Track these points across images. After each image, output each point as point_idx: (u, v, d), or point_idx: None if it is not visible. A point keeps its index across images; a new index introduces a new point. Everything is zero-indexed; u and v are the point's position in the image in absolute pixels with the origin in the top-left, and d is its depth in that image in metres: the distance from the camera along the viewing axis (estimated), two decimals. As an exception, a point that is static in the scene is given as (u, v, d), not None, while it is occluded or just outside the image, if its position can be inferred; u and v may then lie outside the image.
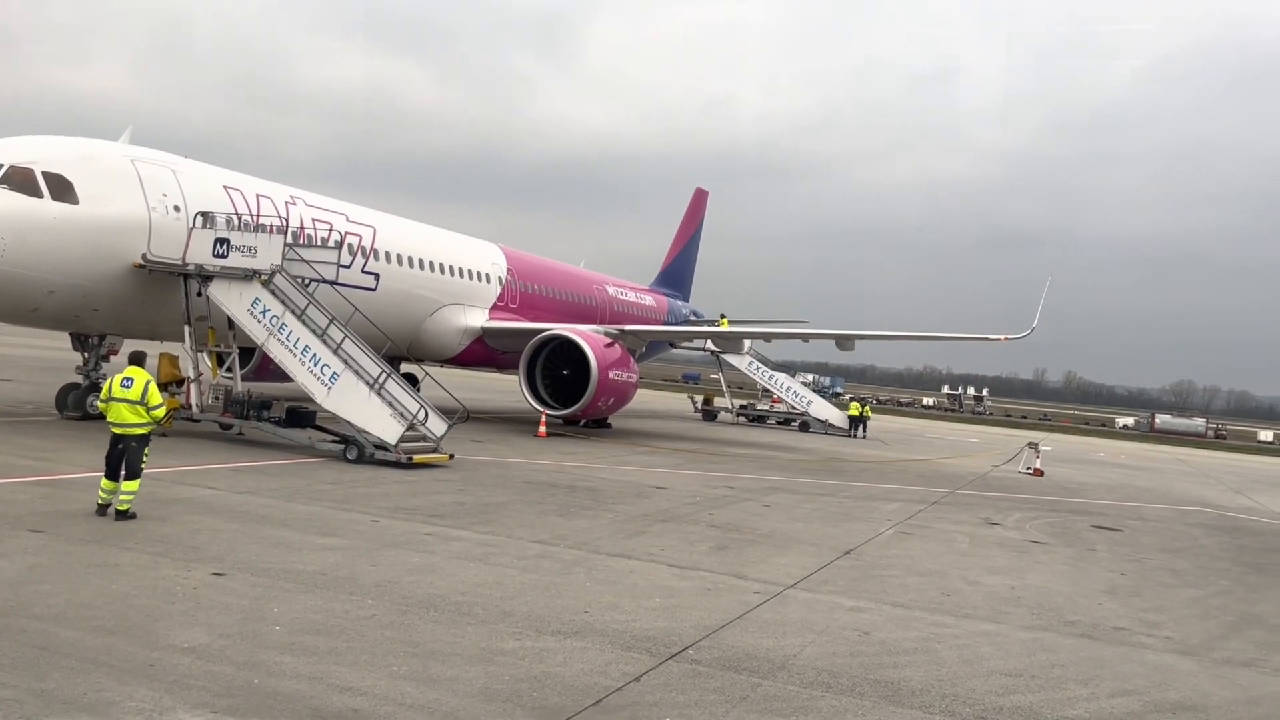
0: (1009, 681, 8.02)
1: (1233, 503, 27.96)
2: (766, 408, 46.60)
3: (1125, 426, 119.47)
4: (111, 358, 21.04)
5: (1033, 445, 32.85)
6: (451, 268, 28.34)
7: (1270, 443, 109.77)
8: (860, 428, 44.09)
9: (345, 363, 17.59)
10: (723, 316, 44.11)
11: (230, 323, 18.74)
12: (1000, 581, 12.12)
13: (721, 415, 45.49)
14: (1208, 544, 18.06)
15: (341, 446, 17.55)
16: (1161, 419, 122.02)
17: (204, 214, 19.30)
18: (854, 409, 44.91)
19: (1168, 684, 8.46)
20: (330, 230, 23.97)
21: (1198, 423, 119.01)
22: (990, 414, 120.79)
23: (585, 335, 26.94)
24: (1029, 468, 30.73)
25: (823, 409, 44.45)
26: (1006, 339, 29.81)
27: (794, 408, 44.32)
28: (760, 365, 43.62)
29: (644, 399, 54.46)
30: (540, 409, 26.74)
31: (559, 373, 27.23)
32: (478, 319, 29.04)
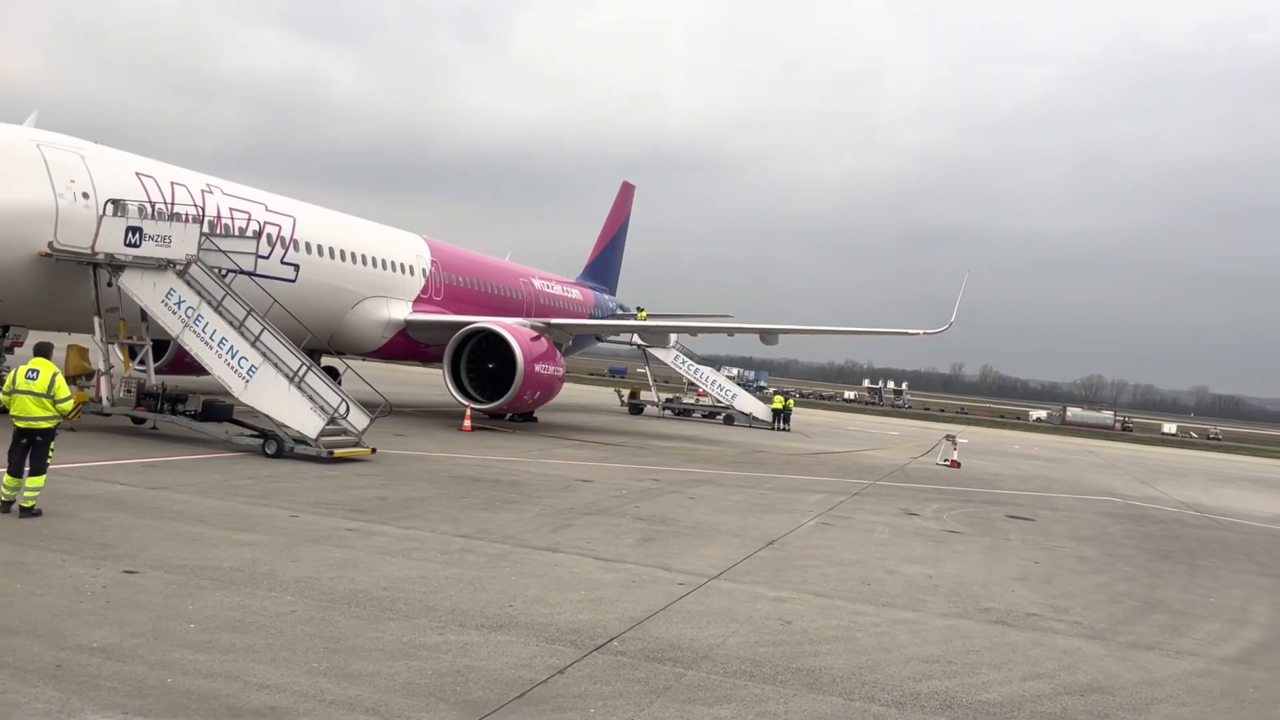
0: (926, 668, 8.15)
1: (1138, 492, 28.58)
2: (692, 401, 46.77)
3: (1038, 419, 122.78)
4: (16, 349, 20.46)
5: (950, 438, 33.38)
6: (374, 259, 27.99)
7: (1173, 435, 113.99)
8: (783, 420, 44.53)
9: (264, 355, 17.25)
10: (640, 310, 44.31)
11: (143, 314, 18.24)
12: (918, 570, 12.31)
13: (648, 409, 45.49)
14: (1114, 532, 18.42)
15: (260, 441, 17.25)
16: (1072, 412, 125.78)
17: (115, 201, 18.70)
18: (778, 402, 45.32)
19: (1077, 667, 8.65)
20: (248, 220, 23.38)
21: (1106, 416, 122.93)
22: (909, 407, 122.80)
23: (511, 328, 26.75)
24: (946, 459, 31.17)
25: (747, 402, 44.64)
26: (925, 334, 30.28)
27: (719, 401, 44.49)
28: (686, 359, 43.76)
29: (570, 393, 53.84)
30: (465, 403, 26.50)
31: (484, 366, 27.00)
32: (401, 311, 28.67)
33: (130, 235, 17.89)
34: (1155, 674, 8.76)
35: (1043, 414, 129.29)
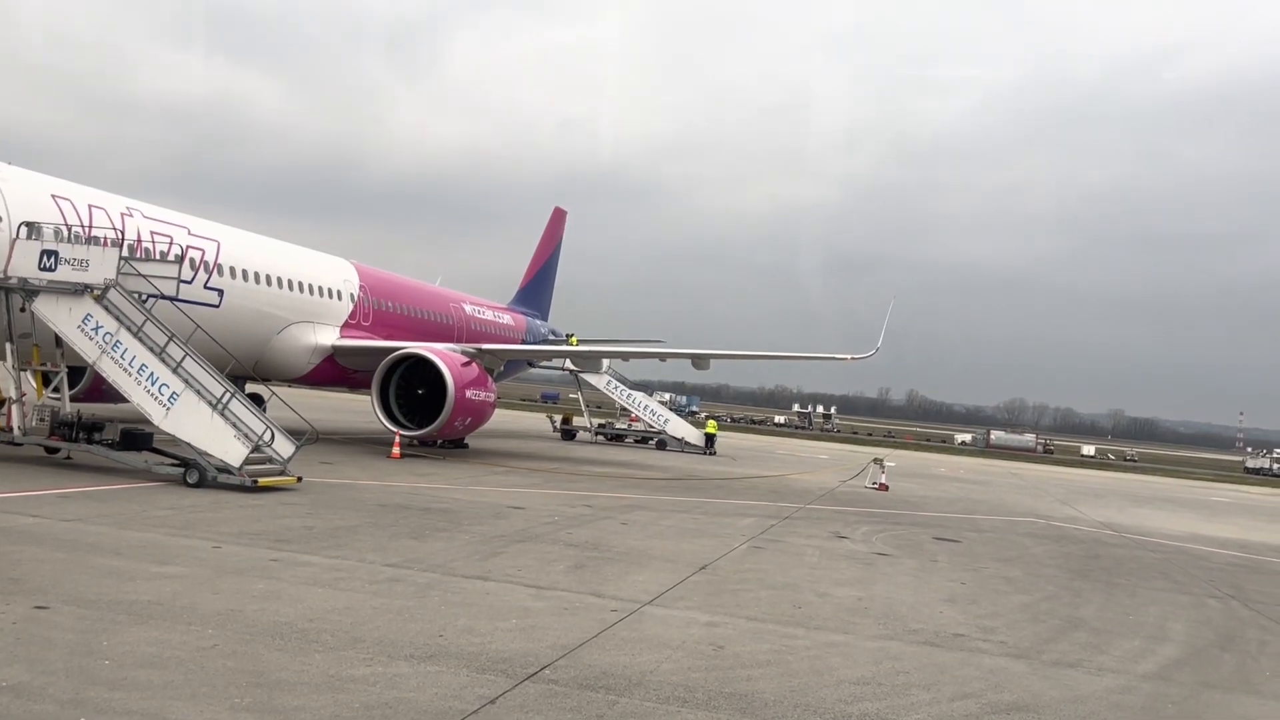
0: (857, 690, 8.21)
1: (1059, 513, 28.97)
2: (625, 426, 46.77)
3: (963, 443, 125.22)
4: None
5: (878, 461, 33.72)
6: (301, 284, 27.66)
7: (1092, 456, 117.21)
8: (711, 445, 44.79)
9: (186, 382, 16.89)
10: (571, 336, 44.42)
11: (58, 340, 17.73)
12: (849, 593, 12.37)
13: (580, 434, 45.46)
14: (1037, 552, 18.68)
15: (181, 470, 16.85)
16: (996, 435, 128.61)
17: (29, 224, 18.15)
18: (711, 426, 45.66)
19: (1003, 686, 8.78)
20: (170, 244, 22.94)
21: (1028, 439, 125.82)
22: (838, 431, 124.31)
23: (441, 354, 26.56)
24: (875, 483, 31.42)
25: (679, 427, 44.89)
26: (853, 359, 30.62)
27: (651, 426, 44.68)
28: (619, 384, 43.96)
29: (502, 419, 54.27)
30: (394, 429, 26.27)
31: (414, 392, 26.79)
32: (328, 337, 28.42)
33: (45, 259, 17.34)
34: (1079, 691, 8.87)
35: (968, 437, 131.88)
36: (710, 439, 44.73)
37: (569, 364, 40.77)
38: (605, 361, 41.27)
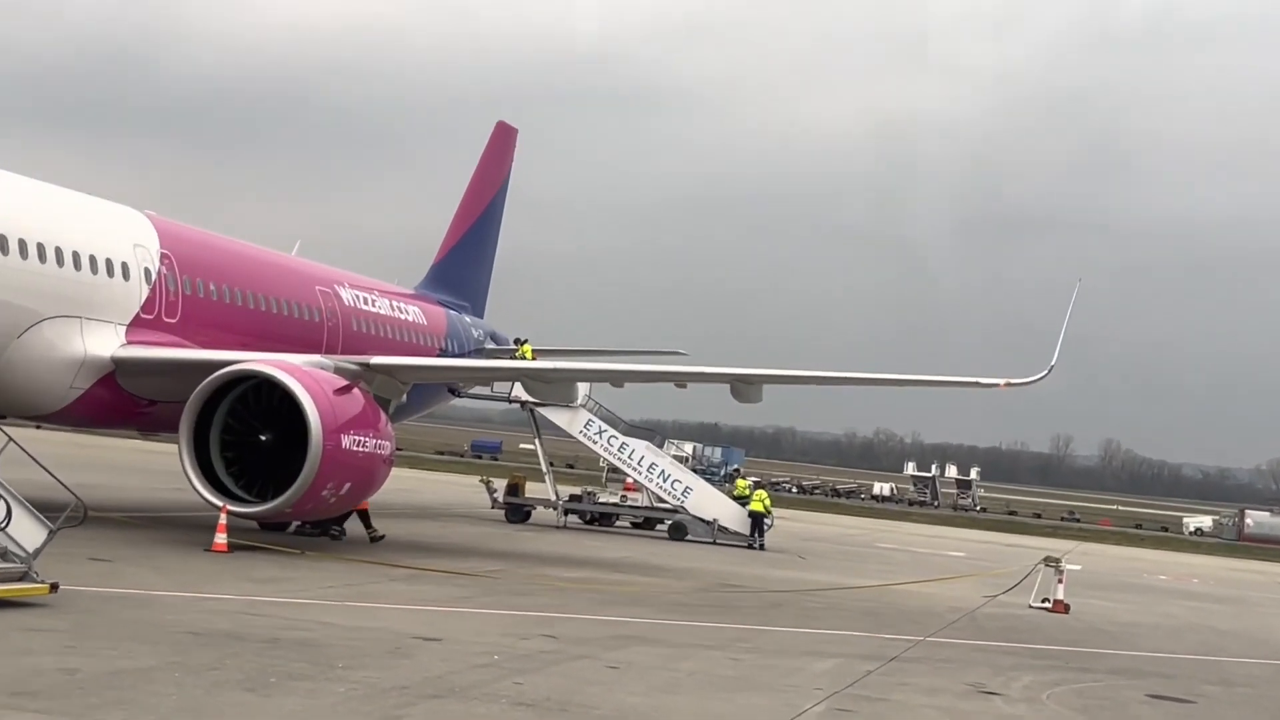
0: None
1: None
2: (615, 499, 47.31)
3: (1198, 530, 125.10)
4: None
5: (1051, 562, 33.74)
6: (59, 251, 27.97)
7: None
8: (760, 531, 45.04)
9: None
10: (521, 342, 44.68)
11: None
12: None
13: (539, 511, 45.91)
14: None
15: None
16: (1255, 519, 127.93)
17: None
18: (759, 501, 45.52)
19: None
20: None
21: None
22: (983, 509, 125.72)
23: (299, 372, 26.89)
24: (1046, 599, 31.67)
25: (709, 501, 45.11)
26: (1009, 385, 30.78)
27: (660, 499, 45.01)
28: (604, 428, 44.10)
29: (405, 483, 54.07)
30: (218, 503, 26.55)
31: (253, 439, 27.18)
32: (106, 342, 28.60)
33: None
34: None
35: (1205, 522, 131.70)
36: (758, 520, 44.77)
37: (519, 390, 41.13)
38: (582, 388, 41.42)
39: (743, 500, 46.09)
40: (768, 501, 46.51)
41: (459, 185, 49.75)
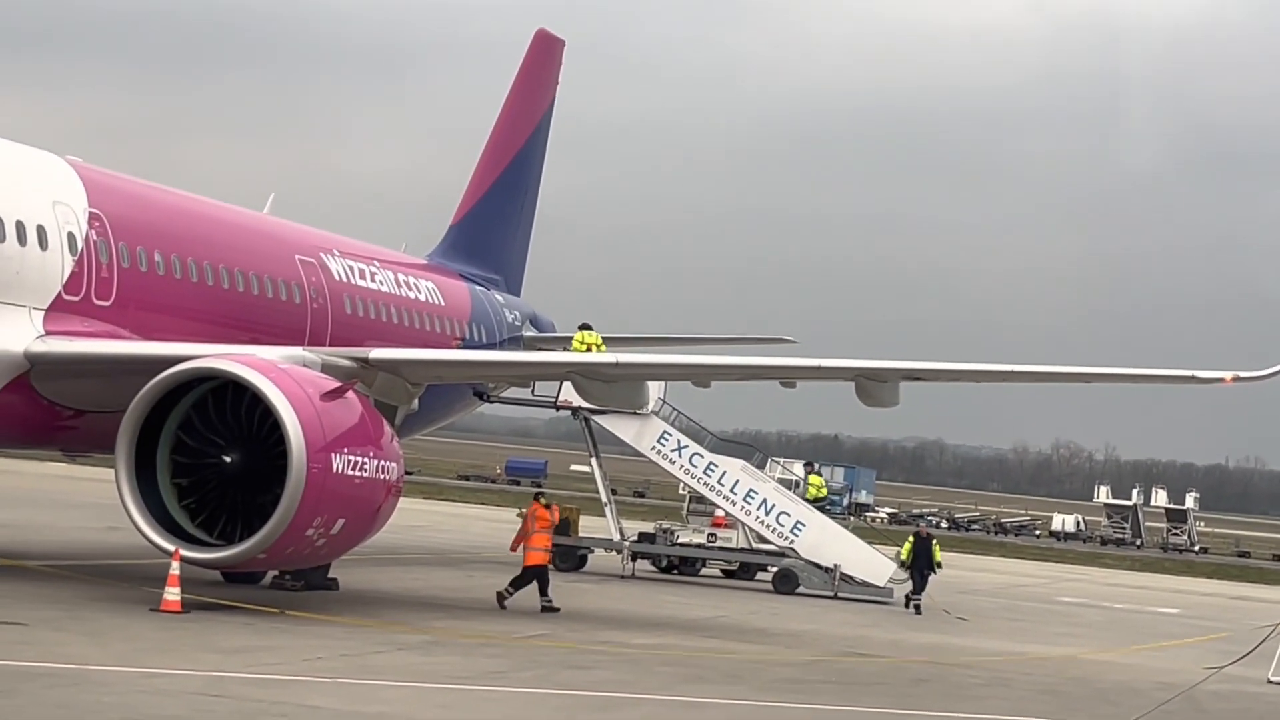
0: None
1: None
2: (701, 538, 44.10)
3: None
4: None
5: (1299, 622, 32.62)
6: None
7: None
8: (917, 582, 39.77)
9: None
10: (585, 329, 41.16)
11: None
12: None
13: (598, 555, 43.39)
14: None
15: None
16: None
17: None
18: (908, 548, 40.50)
19: None
20: None
21: None
22: (1203, 549, 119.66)
23: (275, 371, 24.96)
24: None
25: (829, 541, 41.45)
26: (1235, 380, 29.09)
27: (761, 538, 41.78)
28: (684, 442, 41.24)
29: (418, 517, 53.44)
30: (167, 546, 24.46)
31: (213, 460, 25.14)
32: (16, 334, 26.46)
33: None
34: None
35: None
36: (922, 571, 39.28)
37: (569, 393, 38.21)
38: (654, 389, 39.02)
39: (819, 503, 42.86)
40: (936, 551, 40.44)
41: (486, 118, 46.53)
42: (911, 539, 40.06)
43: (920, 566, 38.51)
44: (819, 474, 47.75)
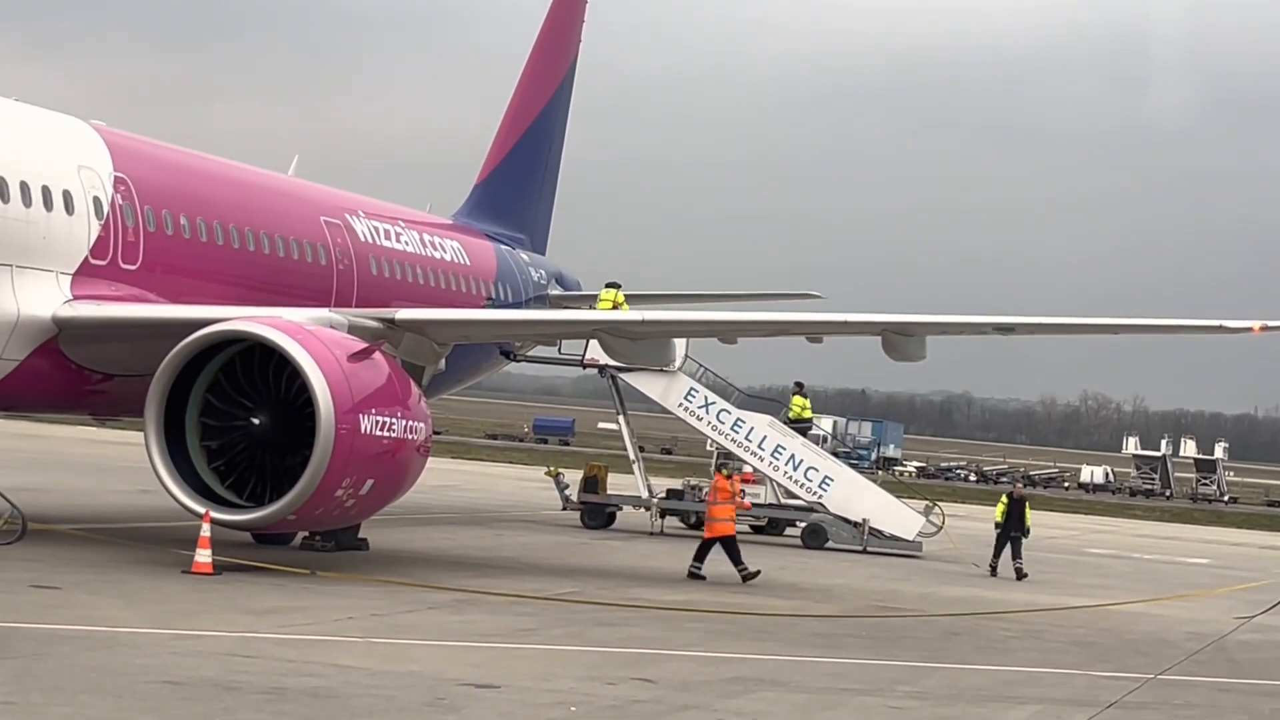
0: None
1: None
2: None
3: None
4: None
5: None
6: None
7: None
8: (1014, 551, 37.95)
9: None
10: (612, 288, 41.69)
11: None
12: None
13: (626, 513, 44.07)
14: None
15: None
16: None
17: None
18: (1001, 509, 38.66)
19: None
20: None
21: None
22: (1232, 499, 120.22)
23: (302, 333, 25.25)
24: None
25: (858, 495, 41.82)
26: (1264, 329, 29.47)
27: (790, 493, 42.35)
28: (712, 399, 41.57)
29: (447, 477, 53.92)
30: (197, 508, 24.87)
31: (242, 422, 25.62)
32: (44, 298, 26.88)
33: None
34: None
35: None
36: (1012, 534, 37.69)
37: (595, 351, 38.11)
38: (680, 346, 38.90)
39: (800, 424, 42.82)
40: (1028, 512, 39.26)
41: (510, 74, 46.93)
42: (1005, 499, 38.68)
43: (1011, 528, 37.37)
44: (805, 395, 46.95)
